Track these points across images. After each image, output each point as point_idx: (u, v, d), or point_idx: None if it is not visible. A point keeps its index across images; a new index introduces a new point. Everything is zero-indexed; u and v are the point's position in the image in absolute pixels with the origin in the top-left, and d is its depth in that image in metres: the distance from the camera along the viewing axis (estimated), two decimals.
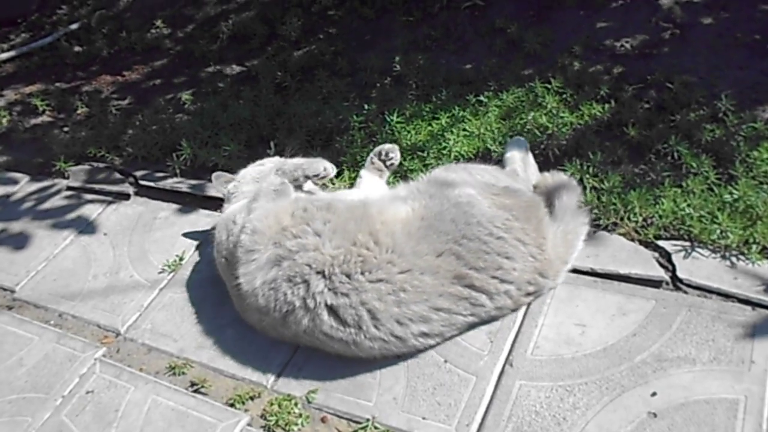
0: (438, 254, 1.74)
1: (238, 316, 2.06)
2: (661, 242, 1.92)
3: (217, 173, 2.31)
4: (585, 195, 2.05)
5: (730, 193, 1.93)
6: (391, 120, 2.51)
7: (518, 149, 2.19)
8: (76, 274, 2.41)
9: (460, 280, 1.73)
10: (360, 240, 1.77)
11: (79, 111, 3.31)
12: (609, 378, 1.65)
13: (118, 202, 2.71)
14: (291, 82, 2.99)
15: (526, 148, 2.21)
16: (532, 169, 2.17)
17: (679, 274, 1.83)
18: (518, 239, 1.77)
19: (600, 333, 1.75)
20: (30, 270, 2.48)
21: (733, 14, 2.67)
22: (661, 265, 1.87)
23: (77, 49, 3.83)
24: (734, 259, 1.83)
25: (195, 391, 1.90)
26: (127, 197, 2.72)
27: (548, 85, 2.44)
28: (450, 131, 2.39)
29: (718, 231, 1.86)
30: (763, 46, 2.49)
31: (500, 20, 2.94)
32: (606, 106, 2.35)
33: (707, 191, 1.98)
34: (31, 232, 2.66)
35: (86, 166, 2.90)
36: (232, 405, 1.84)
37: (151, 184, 2.70)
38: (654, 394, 1.59)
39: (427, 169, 2.23)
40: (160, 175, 2.73)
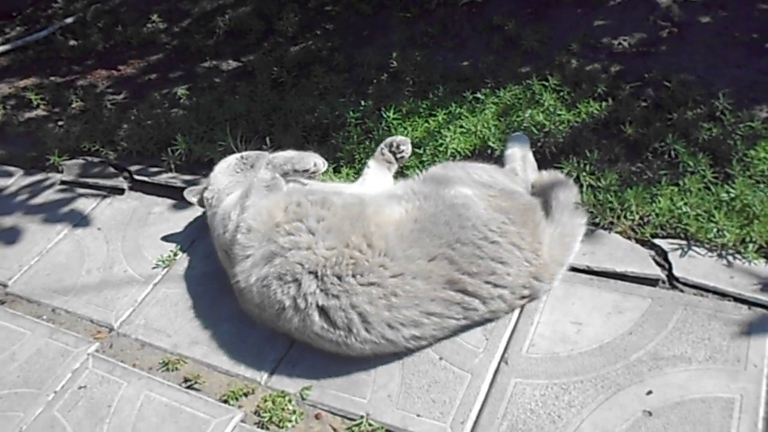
0: (431, 258, 1.72)
1: (233, 312, 2.05)
2: (657, 240, 1.92)
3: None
4: (582, 193, 2.04)
5: (727, 192, 1.92)
6: (388, 116, 2.49)
7: (519, 147, 2.17)
8: (69, 268, 2.39)
9: (453, 284, 1.71)
10: (353, 242, 1.76)
11: (74, 105, 3.28)
12: (604, 376, 1.65)
13: (112, 196, 2.70)
14: (287, 77, 2.98)
15: (527, 145, 2.19)
16: (531, 167, 2.14)
17: (676, 272, 1.82)
18: (513, 244, 1.75)
19: (596, 331, 1.75)
20: (23, 264, 2.46)
21: (731, 13, 2.67)
22: (658, 263, 1.87)
23: (72, 43, 3.80)
24: (731, 258, 1.83)
25: (188, 387, 1.89)
26: (121, 192, 2.70)
27: (545, 83, 2.43)
28: (447, 128, 2.38)
29: (714, 230, 1.86)
30: (761, 45, 2.49)
31: (498, 17, 2.93)
32: (603, 104, 2.34)
33: (704, 190, 1.98)
34: (24, 226, 2.64)
35: (80, 161, 2.88)
36: (225, 401, 1.82)
37: (145, 178, 2.68)
38: (649, 393, 1.59)
39: (424, 166, 2.23)
40: (155, 170, 2.71)
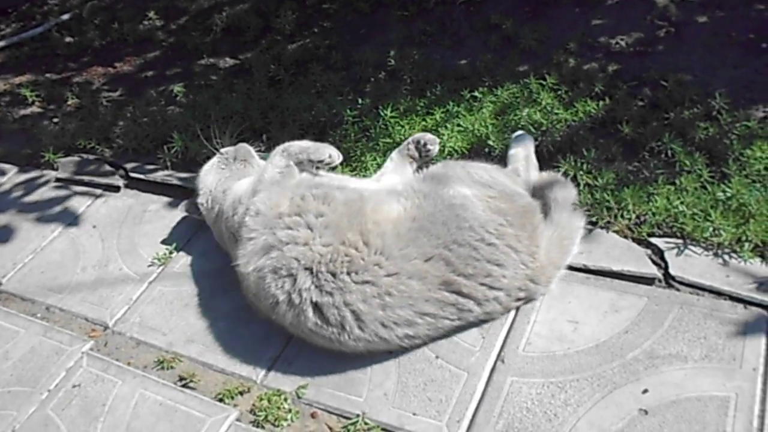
0: (426, 259, 1.71)
1: (228, 310, 2.05)
2: (654, 239, 1.92)
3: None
4: (579, 193, 2.03)
5: (723, 191, 1.93)
6: (385, 114, 2.49)
7: (523, 147, 2.15)
8: (64, 266, 2.38)
9: (448, 286, 1.71)
10: (349, 239, 1.75)
11: (70, 102, 3.27)
12: (601, 375, 1.65)
13: (107, 194, 2.69)
14: (285, 75, 2.97)
15: (531, 145, 2.16)
16: (533, 167, 2.12)
17: (672, 271, 1.82)
18: (510, 246, 1.74)
19: (592, 330, 1.75)
20: (17, 262, 2.45)
21: (728, 13, 2.67)
22: (654, 262, 1.87)
23: (68, 39, 3.78)
24: (727, 257, 1.83)
25: (183, 386, 1.88)
26: (116, 189, 2.69)
27: (543, 82, 2.43)
28: (444, 126, 2.38)
29: (710, 229, 1.86)
30: (757, 45, 2.49)
31: (496, 16, 2.93)
32: (600, 103, 2.34)
33: (700, 189, 1.98)
34: (18, 223, 2.63)
35: (76, 158, 2.87)
36: (221, 400, 1.82)
37: (141, 176, 2.67)
38: (645, 391, 1.59)
39: None
40: (151, 167, 2.70)
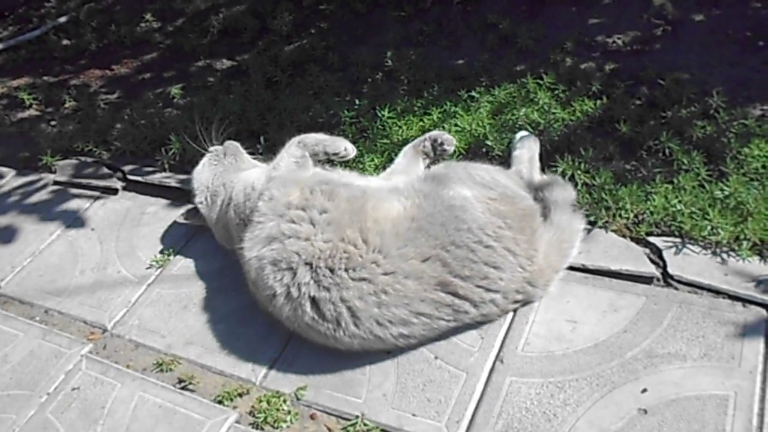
0: (424, 259, 1.71)
1: (227, 312, 2.04)
2: (652, 238, 1.92)
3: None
4: (577, 192, 2.03)
5: (721, 190, 1.93)
6: (383, 115, 2.49)
7: (527, 148, 2.14)
8: (62, 269, 2.38)
9: (444, 287, 1.70)
10: (349, 236, 1.76)
11: (67, 105, 3.26)
12: (600, 374, 1.65)
13: (105, 197, 2.68)
14: (282, 76, 2.96)
15: (536, 146, 2.15)
16: (536, 169, 2.12)
17: (670, 270, 1.82)
18: (508, 249, 1.74)
19: (591, 329, 1.75)
20: (15, 265, 2.45)
21: (725, 11, 2.67)
22: (652, 261, 1.87)
23: (65, 42, 3.78)
24: (725, 256, 1.83)
25: (183, 388, 1.88)
26: (114, 192, 2.69)
27: (540, 81, 2.43)
28: (442, 127, 2.38)
29: (709, 227, 1.86)
30: (754, 43, 2.49)
31: (493, 16, 2.93)
32: (598, 102, 2.34)
33: (698, 188, 1.98)
34: (16, 227, 2.63)
35: (73, 161, 2.86)
36: (220, 402, 1.82)
37: (139, 178, 2.66)
38: (644, 391, 1.59)
39: None
40: (149, 169, 2.69)
